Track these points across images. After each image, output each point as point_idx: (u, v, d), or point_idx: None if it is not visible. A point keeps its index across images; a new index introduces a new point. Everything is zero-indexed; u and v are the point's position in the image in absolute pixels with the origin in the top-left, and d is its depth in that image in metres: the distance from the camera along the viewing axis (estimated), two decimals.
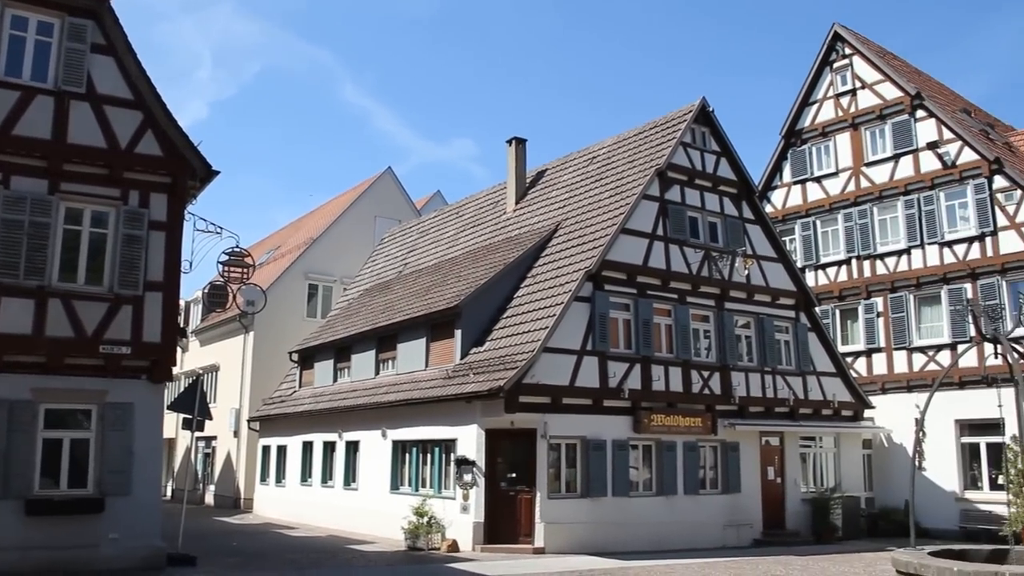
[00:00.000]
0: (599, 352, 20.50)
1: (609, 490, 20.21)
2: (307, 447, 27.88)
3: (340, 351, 27.54)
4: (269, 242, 47.08)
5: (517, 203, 27.98)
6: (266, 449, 30.87)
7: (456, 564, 17.18)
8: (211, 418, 19.71)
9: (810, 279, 28.39)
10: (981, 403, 22.67)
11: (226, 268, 21.21)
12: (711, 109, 24.09)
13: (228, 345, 35.77)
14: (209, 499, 35.83)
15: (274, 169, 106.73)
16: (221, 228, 18.32)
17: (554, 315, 19.68)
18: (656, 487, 21.25)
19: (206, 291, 24.47)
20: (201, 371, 37.55)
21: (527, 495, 19.53)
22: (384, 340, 25.05)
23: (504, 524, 19.55)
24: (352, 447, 25.19)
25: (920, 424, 15.65)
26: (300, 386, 29.82)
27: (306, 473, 27.82)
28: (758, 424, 23.24)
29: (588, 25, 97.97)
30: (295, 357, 30.44)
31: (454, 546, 19.41)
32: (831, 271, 29.01)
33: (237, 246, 20.79)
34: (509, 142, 28.28)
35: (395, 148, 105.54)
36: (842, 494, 24.43)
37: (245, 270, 21.43)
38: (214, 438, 35.38)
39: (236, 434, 33.59)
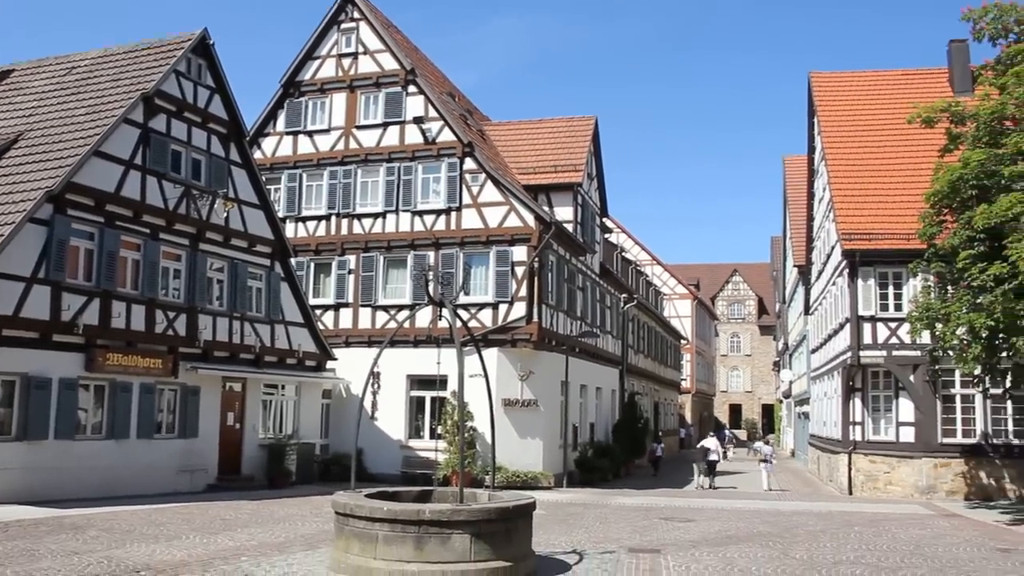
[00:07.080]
0: (53, 282, 18.64)
1: (52, 433, 18.59)
2: None
3: None
4: None
5: None
6: None
7: None
8: None
9: (290, 230, 28.81)
10: (429, 361, 24.86)
11: None
12: (211, 42, 23.27)
13: None
14: None
15: None
16: None
17: (2, 236, 17.50)
18: (107, 430, 20.06)
19: None
20: None
21: None
22: None
23: None
24: None
25: (372, 376, 16.73)
26: None
27: None
28: (222, 369, 23.06)
29: None
30: None
31: None
32: (311, 225, 29.69)
33: None
34: None
35: None
36: (299, 441, 25.29)
37: None
38: None
39: None
